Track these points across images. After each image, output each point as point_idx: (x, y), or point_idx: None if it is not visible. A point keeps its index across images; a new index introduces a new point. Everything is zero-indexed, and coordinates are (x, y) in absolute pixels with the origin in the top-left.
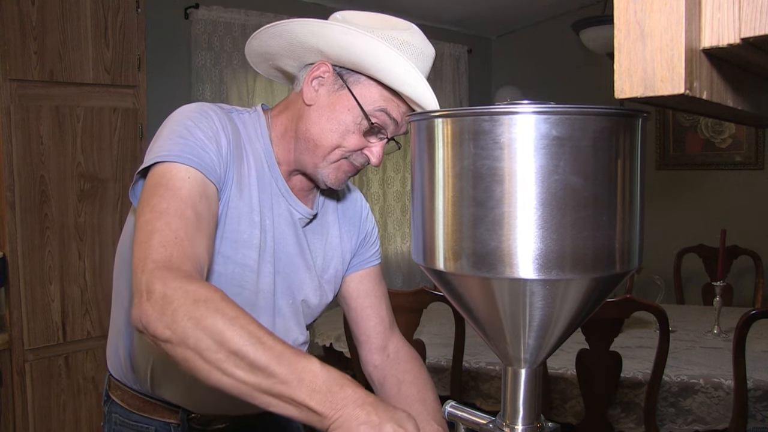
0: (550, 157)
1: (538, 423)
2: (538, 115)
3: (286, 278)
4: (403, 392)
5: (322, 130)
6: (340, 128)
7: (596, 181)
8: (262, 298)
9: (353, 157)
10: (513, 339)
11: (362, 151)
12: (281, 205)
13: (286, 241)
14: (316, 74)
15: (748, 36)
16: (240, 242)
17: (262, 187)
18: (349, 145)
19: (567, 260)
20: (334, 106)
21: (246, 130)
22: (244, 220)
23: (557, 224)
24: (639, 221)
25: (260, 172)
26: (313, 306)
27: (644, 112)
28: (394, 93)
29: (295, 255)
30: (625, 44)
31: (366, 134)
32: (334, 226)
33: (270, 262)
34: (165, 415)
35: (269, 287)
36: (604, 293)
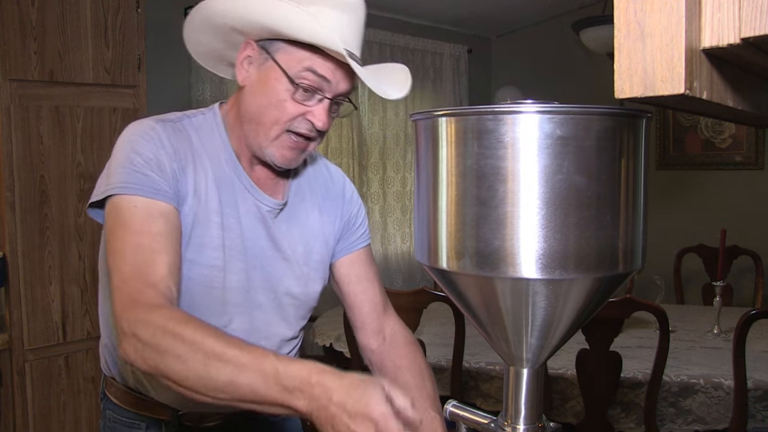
0: (554, 156)
1: (540, 423)
2: (542, 115)
3: (263, 273)
4: (401, 379)
5: (258, 107)
6: (273, 100)
7: (600, 181)
8: (235, 295)
9: (295, 125)
10: (515, 339)
11: (304, 116)
12: (247, 201)
13: (257, 236)
14: (244, 55)
15: (748, 36)
16: (203, 245)
17: (223, 186)
18: (287, 114)
19: (570, 260)
20: (265, 80)
21: (199, 133)
22: (203, 224)
23: (560, 224)
24: (642, 221)
25: (219, 172)
26: (300, 297)
27: (648, 113)
28: (316, 50)
29: (269, 249)
30: (625, 44)
31: (302, 100)
32: (313, 211)
33: (240, 260)
34: (156, 411)
35: (241, 284)
36: (607, 293)
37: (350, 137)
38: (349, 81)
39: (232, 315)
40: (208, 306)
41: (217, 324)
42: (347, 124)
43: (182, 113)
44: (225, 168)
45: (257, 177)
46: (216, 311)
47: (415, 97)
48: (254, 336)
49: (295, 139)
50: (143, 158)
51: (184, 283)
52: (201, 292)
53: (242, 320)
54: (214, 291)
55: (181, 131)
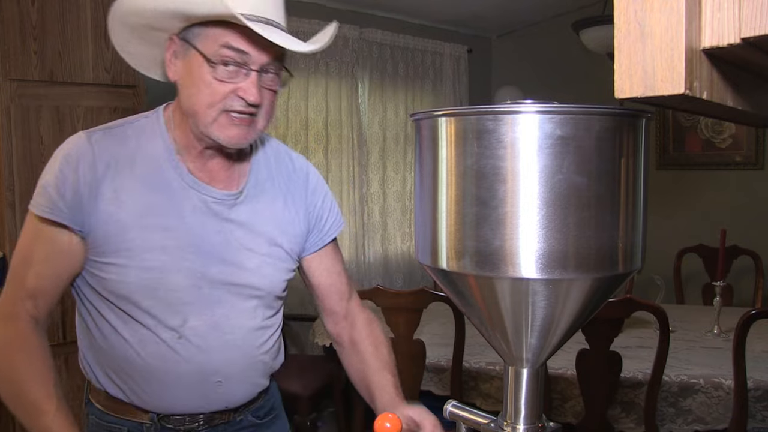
0: (554, 156)
1: (540, 423)
2: (542, 115)
3: (220, 268)
4: (360, 349)
5: (190, 96)
6: (200, 85)
7: (600, 181)
8: (184, 294)
9: (229, 104)
10: (515, 338)
11: (235, 93)
12: (192, 198)
13: (209, 232)
14: (170, 51)
15: (748, 36)
16: (135, 249)
17: (160, 188)
18: (217, 95)
19: (570, 260)
20: (190, 70)
21: (139, 138)
22: (133, 229)
23: (560, 224)
24: (642, 222)
25: (156, 174)
26: (263, 287)
27: (648, 113)
28: (230, 25)
29: (225, 242)
30: (625, 44)
31: (228, 77)
32: (278, 200)
33: (188, 259)
34: (137, 415)
35: (192, 282)
36: (607, 293)
37: (350, 137)
38: (273, 50)
39: (185, 314)
40: (156, 308)
41: (173, 324)
42: (347, 124)
43: (126, 119)
44: (164, 169)
45: (211, 170)
46: (165, 312)
47: (415, 97)
48: (217, 331)
49: (234, 116)
50: (55, 181)
51: (125, 288)
52: (146, 294)
53: (199, 318)
54: (159, 293)
55: (115, 138)
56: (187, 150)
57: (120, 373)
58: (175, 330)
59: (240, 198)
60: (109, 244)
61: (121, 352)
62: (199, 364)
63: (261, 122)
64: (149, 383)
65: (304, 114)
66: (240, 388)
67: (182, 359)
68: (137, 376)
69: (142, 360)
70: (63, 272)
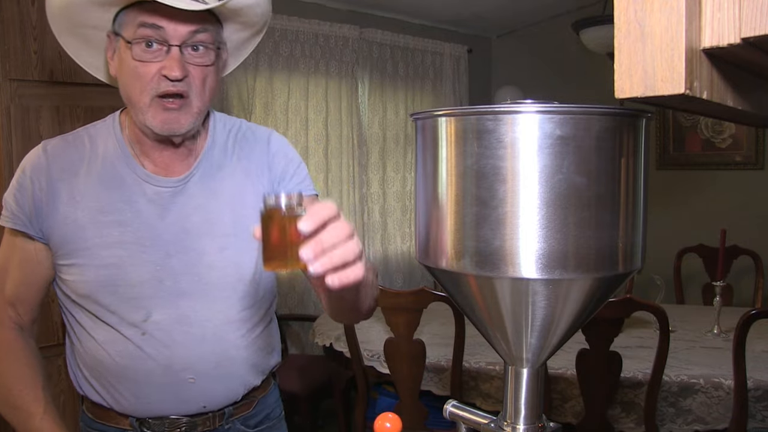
0: (554, 156)
1: (540, 423)
2: (542, 115)
3: (182, 258)
4: None
5: (124, 87)
6: (128, 72)
7: (600, 181)
8: (145, 288)
9: (157, 87)
10: (515, 338)
11: (160, 74)
12: (146, 191)
13: (166, 223)
14: (110, 50)
15: (748, 36)
16: (93, 248)
17: (114, 185)
18: (144, 78)
19: (570, 260)
20: (121, 60)
21: (94, 141)
22: (89, 227)
23: (560, 224)
24: (642, 222)
25: (110, 172)
26: (232, 271)
27: (648, 113)
28: (143, 4)
29: (180, 231)
30: (625, 44)
31: (150, 58)
32: (236, 176)
33: (146, 252)
34: (119, 421)
35: (153, 275)
36: (607, 293)
37: (350, 137)
38: (192, 22)
39: (148, 309)
40: (117, 305)
41: (135, 320)
42: (347, 123)
43: (85, 126)
44: (117, 166)
45: (165, 162)
46: (128, 308)
47: (415, 97)
48: (182, 325)
49: (165, 101)
50: (14, 192)
51: (86, 287)
52: (106, 292)
53: (163, 312)
54: (119, 289)
55: (70, 144)
56: (139, 145)
57: (98, 377)
58: (138, 326)
59: (190, 182)
60: (69, 246)
61: (94, 354)
62: (166, 360)
63: (196, 103)
64: (122, 384)
65: (304, 114)
66: (217, 386)
67: (148, 356)
68: (111, 377)
69: (112, 360)
70: (35, 279)
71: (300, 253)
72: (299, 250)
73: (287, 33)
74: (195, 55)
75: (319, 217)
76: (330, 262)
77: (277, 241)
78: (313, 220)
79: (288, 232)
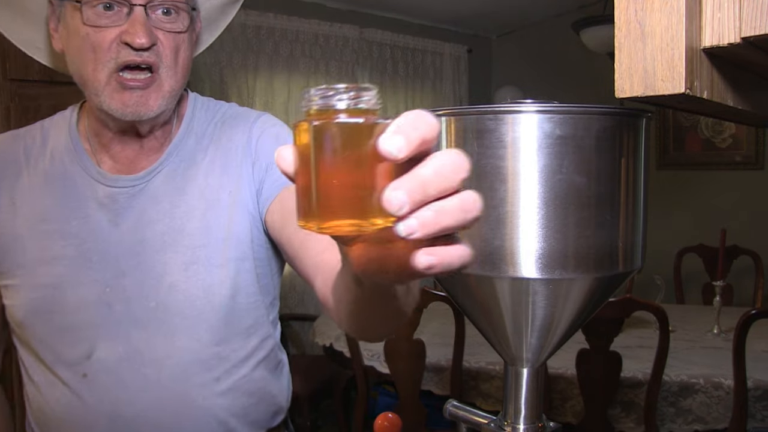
0: (554, 156)
1: (540, 422)
2: (542, 115)
3: (137, 277)
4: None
5: (75, 62)
6: (78, 42)
7: (600, 181)
8: (91, 314)
9: (116, 58)
10: (515, 338)
11: (120, 41)
12: (98, 193)
13: (120, 230)
14: (52, 20)
15: (748, 35)
16: (28, 264)
17: (61, 186)
18: (100, 48)
19: (570, 260)
20: (69, 29)
21: (46, 135)
22: (29, 239)
23: (560, 224)
24: (642, 221)
25: (57, 173)
26: (201, 293)
27: (648, 112)
28: None
29: (137, 242)
30: (625, 44)
31: (108, 23)
32: (211, 171)
33: (92, 268)
34: None
35: (99, 298)
36: (607, 293)
37: None
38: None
39: (92, 341)
40: (53, 337)
41: (74, 358)
42: None
43: (45, 118)
44: (67, 164)
45: (129, 158)
46: (66, 341)
47: (415, 97)
48: (136, 363)
49: (128, 77)
50: None
51: (18, 313)
52: (40, 320)
53: (110, 346)
54: (55, 316)
55: (19, 139)
56: (97, 138)
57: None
58: (78, 365)
59: (153, 181)
60: (5, 262)
61: (33, 402)
62: (112, 410)
63: (167, 80)
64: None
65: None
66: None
67: (89, 406)
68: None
69: (51, 410)
70: None
71: (385, 198)
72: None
73: (287, 33)
74: (165, 19)
75: (415, 131)
76: (436, 221)
77: (330, 171)
78: (406, 135)
79: (355, 156)
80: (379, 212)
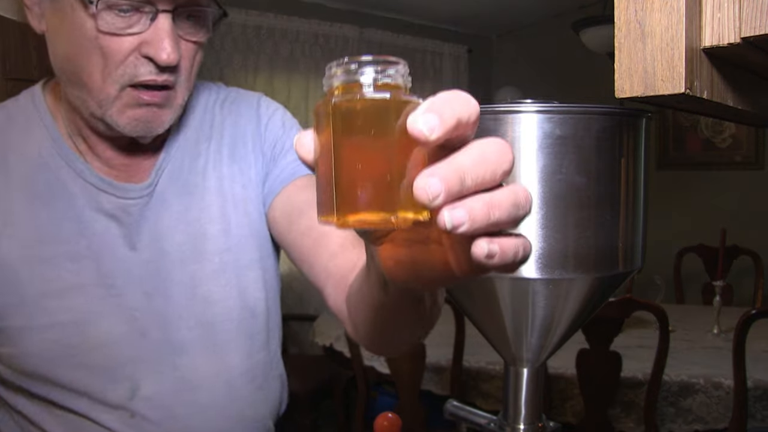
0: (554, 156)
1: (540, 422)
2: (542, 115)
3: (165, 297)
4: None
5: (67, 61)
6: (85, 41)
7: (599, 181)
8: (126, 347)
9: (131, 73)
10: (515, 338)
11: (138, 53)
12: (103, 205)
13: (139, 249)
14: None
15: (748, 35)
16: (30, 299)
17: (53, 198)
18: (115, 59)
19: (570, 260)
20: (61, 15)
21: (8, 131)
22: (21, 268)
23: (560, 224)
24: (642, 221)
25: (40, 179)
26: (234, 307)
27: (648, 112)
28: None
29: (158, 259)
30: (625, 44)
31: (123, 27)
32: (213, 166)
33: (115, 294)
34: None
35: (130, 326)
36: (607, 293)
37: None
38: None
39: (134, 378)
40: (85, 381)
41: (118, 398)
42: None
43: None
44: (54, 169)
45: (121, 163)
46: (101, 383)
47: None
48: (185, 390)
49: (142, 93)
50: None
51: (29, 362)
52: (61, 364)
53: (155, 379)
54: (83, 357)
55: None
56: (81, 138)
57: None
58: (123, 407)
59: (159, 183)
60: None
61: None
62: None
63: (181, 92)
64: None
65: (304, 114)
66: None
67: None
68: None
69: None
70: None
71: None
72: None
73: (287, 33)
74: (188, 25)
75: (451, 111)
76: (487, 214)
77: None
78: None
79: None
80: (410, 204)
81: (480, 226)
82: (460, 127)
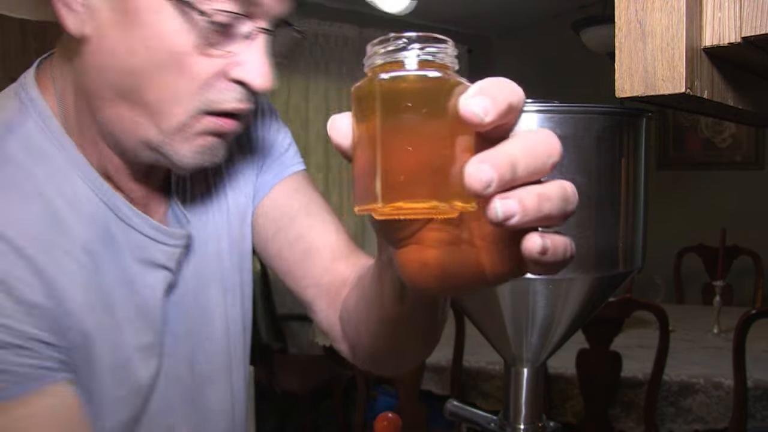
0: None
1: (540, 422)
2: (542, 114)
3: (188, 334)
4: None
5: (131, 73)
6: (163, 55)
7: (600, 181)
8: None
9: (215, 97)
10: (516, 338)
11: (225, 76)
12: (155, 256)
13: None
14: None
15: (749, 35)
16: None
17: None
18: (198, 80)
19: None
20: (135, 20)
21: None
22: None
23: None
24: (642, 221)
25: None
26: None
27: (648, 112)
28: None
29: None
30: (625, 43)
31: (215, 43)
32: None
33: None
34: None
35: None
36: (607, 293)
37: None
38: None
39: (171, 423)
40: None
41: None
42: None
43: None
44: (95, 210)
45: (143, 196)
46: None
47: None
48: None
49: (225, 123)
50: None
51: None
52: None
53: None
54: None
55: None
56: (114, 170)
57: None
58: None
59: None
60: None
61: None
62: None
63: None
64: None
65: (304, 114)
66: None
67: None
68: None
69: None
70: None
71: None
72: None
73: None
74: (276, 44)
75: (502, 94)
76: (539, 206)
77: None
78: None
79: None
80: (457, 192)
81: (531, 218)
82: (510, 113)
